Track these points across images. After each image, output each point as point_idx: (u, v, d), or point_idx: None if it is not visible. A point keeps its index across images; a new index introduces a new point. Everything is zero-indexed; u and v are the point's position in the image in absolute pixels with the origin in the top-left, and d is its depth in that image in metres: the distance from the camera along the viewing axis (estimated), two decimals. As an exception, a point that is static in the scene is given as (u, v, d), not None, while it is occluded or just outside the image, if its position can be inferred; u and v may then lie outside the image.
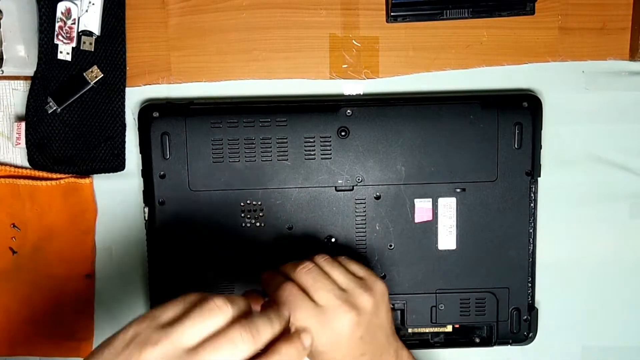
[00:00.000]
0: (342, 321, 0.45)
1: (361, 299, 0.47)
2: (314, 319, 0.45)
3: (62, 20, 0.53)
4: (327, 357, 0.46)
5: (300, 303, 0.45)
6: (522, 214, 0.57)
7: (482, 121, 0.55)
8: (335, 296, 0.46)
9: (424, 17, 0.56)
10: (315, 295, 0.46)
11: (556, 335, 0.61)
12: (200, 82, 0.57)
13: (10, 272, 0.57)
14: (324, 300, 0.46)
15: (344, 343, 0.46)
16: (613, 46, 0.58)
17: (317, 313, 0.45)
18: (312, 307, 0.45)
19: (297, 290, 0.46)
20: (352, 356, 0.46)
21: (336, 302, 0.46)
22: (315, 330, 0.44)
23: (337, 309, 0.45)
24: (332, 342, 0.45)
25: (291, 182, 0.55)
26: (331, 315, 0.45)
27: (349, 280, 0.47)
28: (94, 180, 0.57)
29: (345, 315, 0.45)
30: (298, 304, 0.45)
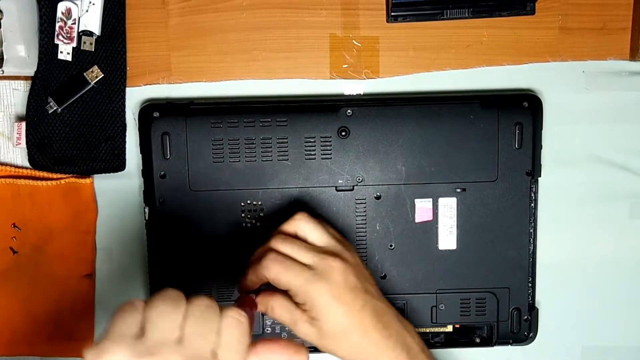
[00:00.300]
0: (332, 270, 0.46)
1: (344, 253, 0.48)
2: (305, 276, 0.45)
3: (62, 20, 0.53)
4: (328, 317, 0.46)
5: (288, 266, 0.46)
6: (522, 214, 0.57)
7: (483, 121, 0.55)
8: (318, 252, 0.47)
9: (424, 17, 0.56)
10: (299, 257, 0.47)
11: (556, 335, 0.61)
12: (201, 82, 0.57)
13: (10, 272, 0.57)
14: (309, 259, 0.46)
15: (341, 295, 0.46)
16: (613, 46, 0.58)
17: (307, 272, 0.46)
18: (300, 266, 0.46)
19: (282, 257, 0.46)
20: (353, 309, 0.46)
21: (321, 256, 0.47)
22: (310, 290, 0.45)
23: (324, 261, 0.46)
24: (329, 297, 0.45)
25: (291, 182, 0.55)
26: (321, 269, 0.46)
27: (326, 238, 0.49)
28: (94, 180, 0.57)
29: (335, 264, 0.46)
30: (287, 268, 0.46)
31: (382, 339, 0.47)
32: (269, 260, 0.46)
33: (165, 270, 0.56)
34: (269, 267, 0.46)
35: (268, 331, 0.57)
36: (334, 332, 0.46)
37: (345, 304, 0.46)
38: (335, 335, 0.46)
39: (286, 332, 0.57)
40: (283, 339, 0.45)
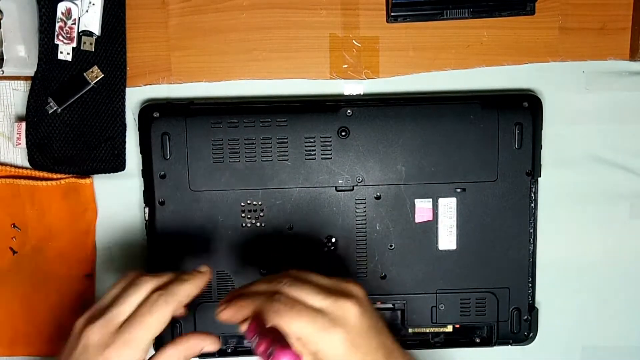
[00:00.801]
0: (348, 312, 0.42)
1: (352, 288, 0.45)
2: (318, 324, 0.42)
3: (62, 21, 0.53)
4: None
5: (298, 310, 0.42)
6: (522, 214, 0.57)
7: (482, 121, 0.55)
8: (328, 294, 0.43)
9: (424, 17, 0.56)
10: (309, 301, 0.42)
11: (556, 335, 0.61)
12: (201, 82, 0.57)
13: (10, 272, 0.57)
14: (319, 302, 0.42)
15: (357, 340, 0.42)
16: (613, 46, 0.58)
17: (319, 316, 0.42)
18: (312, 311, 0.42)
19: (290, 300, 0.42)
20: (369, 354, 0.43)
21: (332, 298, 0.43)
22: (324, 340, 0.41)
23: (337, 303, 0.43)
24: (346, 346, 0.42)
25: (291, 182, 0.55)
26: (334, 311, 0.42)
27: (328, 280, 0.45)
28: (94, 181, 0.57)
29: (348, 304, 0.43)
30: (299, 313, 0.41)
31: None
32: (281, 304, 0.42)
33: (165, 270, 0.56)
34: (280, 312, 0.41)
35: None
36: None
37: (360, 350, 0.42)
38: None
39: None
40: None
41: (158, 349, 0.45)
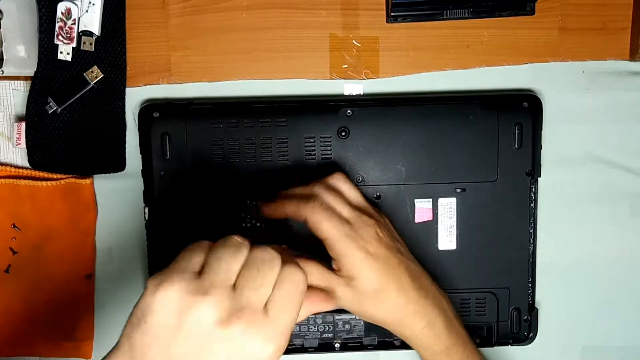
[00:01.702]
0: (369, 228, 0.47)
1: (376, 214, 0.50)
2: (345, 233, 0.46)
3: (62, 21, 0.53)
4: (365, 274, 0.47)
5: (331, 216, 0.47)
6: (522, 214, 0.57)
7: (482, 121, 0.55)
8: (356, 209, 0.48)
9: (424, 17, 0.56)
10: (339, 209, 0.48)
11: (556, 335, 0.61)
12: (201, 83, 0.57)
13: (10, 272, 0.57)
14: (347, 213, 0.48)
15: (376, 251, 0.47)
16: (613, 46, 0.58)
17: (345, 226, 0.47)
18: (340, 218, 0.47)
19: (326, 206, 0.47)
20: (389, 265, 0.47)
21: (358, 214, 0.48)
22: (346, 245, 0.46)
23: (360, 219, 0.48)
24: (365, 254, 0.46)
25: (291, 182, 0.55)
26: (357, 225, 0.47)
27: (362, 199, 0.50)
28: (94, 181, 0.57)
29: (370, 222, 0.48)
30: (330, 217, 0.46)
31: (420, 299, 0.48)
32: (316, 205, 0.47)
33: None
34: (314, 210, 0.47)
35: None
36: (372, 290, 0.47)
37: (380, 260, 0.47)
38: (374, 294, 0.47)
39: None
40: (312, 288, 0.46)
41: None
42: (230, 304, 0.36)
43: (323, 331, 0.58)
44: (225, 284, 0.36)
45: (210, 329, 0.35)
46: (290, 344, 0.58)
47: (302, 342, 0.58)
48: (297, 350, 0.58)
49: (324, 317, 0.58)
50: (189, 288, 0.36)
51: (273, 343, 0.36)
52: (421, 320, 0.48)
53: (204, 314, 0.35)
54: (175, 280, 0.36)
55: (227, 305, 0.36)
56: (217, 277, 0.36)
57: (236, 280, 0.37)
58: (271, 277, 0.38)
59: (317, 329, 0.58)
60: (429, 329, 0.48)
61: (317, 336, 0.58)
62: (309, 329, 0.58)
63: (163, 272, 0.37)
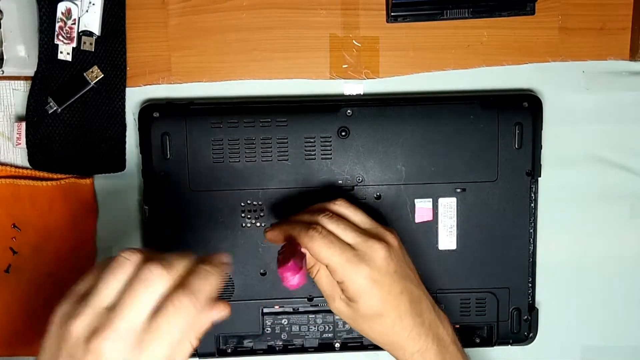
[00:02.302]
0: (376, 252, 0.46)
1: (386, 235, 0.48)
2: (346, 256, 0.45)
3: (62, 21, 0.53)
4: (365, 300, 0.46)
5: (332, 242, 0.45)
6: (522, 214, 0.57)
7: (482, 121, 0.55)
8: (362, 233, 0.47)
9: (424, 17, 0.56)
10: (343, 235, 0.46)
11: (556, 335, 0.61)
12: (201, 82, 0.57)
13: (10, 272, 0.57)
14: (352, 239, 0.46)
15: (380, 279, 0.46)
16: (613, 46, 0.58)
17: (349, 252, 0.45)
18: (343, 244, 0.46)
19: (326, 231, 0.46)
20: (391, 294, 0.46)
21: (364, 238, 0.46)
22: (349, 272, 0.45)
23: (366, 244, 0.46)
24: (369, 281, 0.45)
25: (291, 182, 0.55)
26: (363, 251, 0.46)
27: (367, 221, 0.49)
28: (94, 181, 0.57)
29: (377, 246, 0.46)
30: (330, 243, 0.45)
31: (415, 326, 0.47)
32: (316, 232, 0.46)
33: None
34: (314, 238, 0.45)
35: (268, 331, 0.57)
36: (370, 314, 0.47)
37: (383, 288, 0.46)
38: (370, 318, 0.47)
39: (285, 333, 0.57)
40: None
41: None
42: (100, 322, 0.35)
43: (323, 331, 0.58)
44: (99, 303, 0.36)
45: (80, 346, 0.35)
46: (291, 343, 0.58)
47: (302, 342, 0.58)
48: (297, 350, 0.58)
49: (324, 317, 0.58)
50: (70, 309, 0.37)
51: None
52: (413, 347, 0.47)
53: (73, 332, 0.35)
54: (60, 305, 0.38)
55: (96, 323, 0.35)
56: (92, 296, 0.36)
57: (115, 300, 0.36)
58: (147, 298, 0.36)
59: (317, 329, 0.58)
60: (420, 355, 0.47)
61: (317, 336, 0.58)
62: (309, 329, 0.58)
63: None
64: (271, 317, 0.57)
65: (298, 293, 0.57)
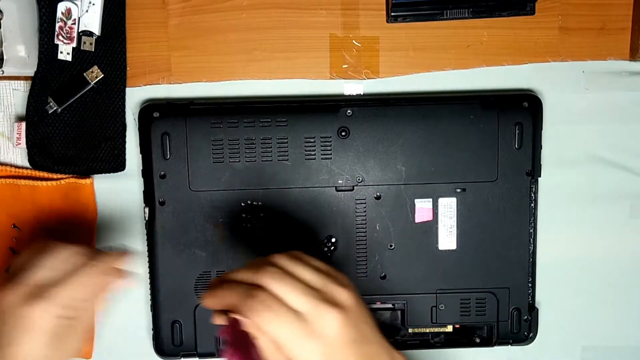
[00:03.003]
0: (329, 323, 0.39)
1: (340, 294, 0.41)
2: (295, 330, 0.39)
3: (62, 21, 0.53)
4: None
5: (276, 311, 0.39)
6: (522, 214, 0.57)
7: (482, 121, 0.55)
8: (312, 297, 0.39)
9: (424, 17, 0.56)
10: (290, 301, 0.39)
11: (556, 335, 0.61)
12: (201, 82, 0.57)
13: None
14: (302, 305, 0.39)
15: (334, 354, 0.39)
16: (613, 46, 0.58)
17: (298, 321, 0.39)
18: (291, 315, 0.39)
19: (269, 297, 0.39)
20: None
21: (315, 303, 0.39)
22: (299, 344, 0.39)
23: (319, 311, 0.39)
24: (322, 353, 0.39)
25: (291, 182, 0.55)
26: (314, 319, 0.39)
27: (318, 277, 0.41)
28: (94, 181, 0.57)
29: (331, 315, 0.39)
30: (274, 313, 0.39)
31: None
32: (258, 303, 0.39)
33: (165, 270, 0.56)
34: (257, 310, 0.39)
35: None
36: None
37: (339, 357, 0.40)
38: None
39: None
40: None
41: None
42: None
43: (323, 331, 0.58)
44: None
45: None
46: None
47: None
48: (297, 350, 0.58)
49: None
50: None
51: None
52: None
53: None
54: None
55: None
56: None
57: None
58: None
59: (317, 329, 0.58)
60: None
61: (317, 336, 0.58)
62: (309, 329, 0.58)
63: None
64: (271, 317, 0.57)
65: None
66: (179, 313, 0.57)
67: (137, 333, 0.59)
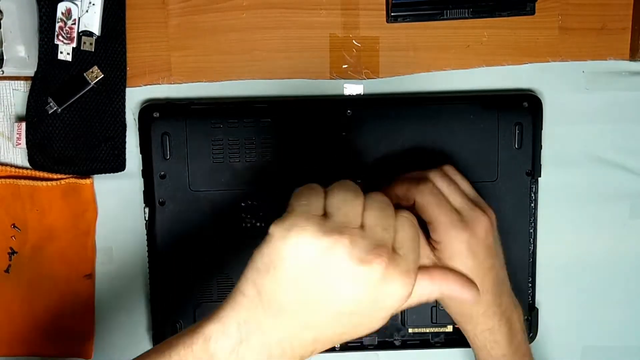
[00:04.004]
0: (480, 224, 0.46)
1: (488, 210, 0.48)
2: (451, 221, 0.45)
3: (62, 21, 0.53)
4: (456, 266, 0.45)
5: (440, 202, 0.46)
6: (522, 214, 0.57)
7: (482, 121, 0.55)
8: (469, 201, 0.47)
9: (424, 17, 0.56)
10: (450, 197, 0.46)
11: (556, 335, 0.61)
12: (201, 82, 0.57)
13: (10, 272, 0.57)
14: (460, 204, 0.46)
15: (477, 249, 0.46)
16: (613, 46, 0.58)
17: (454, 215, 0.46)
18: (450, 208, 0.46)
19: (438, 192, 0.46)
20: (482, 267, 0.46)
21: (471, 206, 0.47)
22: (450, 234, 0.45)
23: (473, 212, 0.46)
24: (467, 247, 0.45)
25: (291, 182, 0.55)
26: (469, 218, 0.46)
27: (472, 190, 0.49)
28: (94, 181, 0.57)
29: (483, 218, 0.46)
30: (439, 202, 0.45)
31: (492, 305, 0.47)
32: (426, 188, 0.46)
33: (165, 270, 0.56)
34: (423, 193, 0.46)
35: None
36: None
37: (477, 258, 0.46)
38: None
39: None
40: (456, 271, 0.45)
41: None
42: (368, 243, 0.36)
43: (323, 331, 0.58)
44: (356, 224, 0.37)
45: (350, 268, 0.36)
46: None
47: (302, 342, 0.58)
48: (297, 350, 0.58)
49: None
50: (323, 230, 0.36)
51: (409, 283, 0.37)
52: (486, 323, 0.48)
53: (342, 254, 0.35)
54: (305, 225, 0.36)
55: (365, 244, 0.36)
56: (347, 218, 0.37)
57: (362, 222, 0.37)
58: (393, 218, 0.39)
59: (317, 329, 0.58)
60: (490, 333, 0.48)
61: (317, 336, 0.58)
62: (309, 329, 0.58)
63: (285, 217, 0.37)
64: (271, 317, 0.57)
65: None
66: (179, 313, 0.57)
67: (137, 333, 0.59)
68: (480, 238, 0.46)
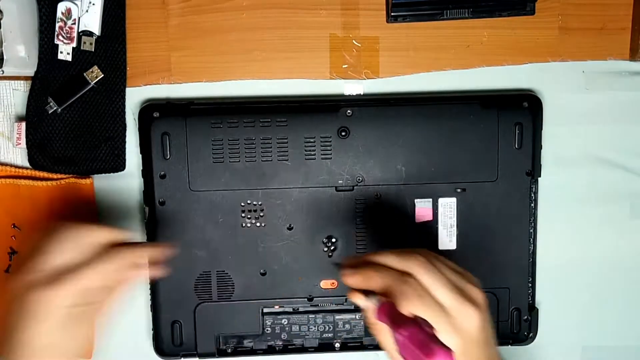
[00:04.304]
0: (469, 320, 0.42)
1: (477, 295, 0.43)
2: (441, 321, 0.42)
3: (62, 21, 0.53)
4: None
5: (426, 301, 0.42)
6: (522, 214, 0.57)
7: (482, 121, 0.55)
8: (456, 294, 0.42)
9: (424, 17, 0.56)
10: (437, 294, 0.42)
11: (556, 335, 0.61)
12: (201, 82, 0.57)
13: (10, 272, 0.57)
14: (447, 300, 0.42)
15: (470, 352, 0.42)
16: (613, 46, 0.58)
17: (443, 317, 0.42)
18: (438, 307, 0.42)
19: (420, 287, 0.42)
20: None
21: (459, 300, 0.42)
22: (442, 334, 0.42)
23: (461, 308, 0.42)
24: (462, 350, 0.42)
25: (291, 182, 0.55)
26: (457, 315, 0.42)
27: (457, 276, 0.44)
28: (94, 181, 0.57)
29: (472, 313, 0.42)
30: (423, 302, 0.42)
31: None
32: (412, 290, 0.42)
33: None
34: (410, 298, 0.42)
35: (268, 331, 0.57)
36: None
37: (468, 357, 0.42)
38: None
39: (286, 333, 0.57)
40: None
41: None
42: None
43: (323, 331, 0.58)
44: None
45: None
46: (291, 343, 0.58)
47: (302, 342, 0.58)
48: (297, 350, 0.58)
49: (324, 317, 0.58)
50: None
51: None
52: None
53: None
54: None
55: None
56: None
57: None
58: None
59: (317, 329, 0.58)
60: None
61: (317, 336, 0.58)
62: (309, 329, 0.58)
63: None
64: (271, 317, 0.57)
65: (298, 293, 0.57)
66: (179, 313, 0.57)
67: (137, 333, 0.59)
68: (472, 339, 0.42)
